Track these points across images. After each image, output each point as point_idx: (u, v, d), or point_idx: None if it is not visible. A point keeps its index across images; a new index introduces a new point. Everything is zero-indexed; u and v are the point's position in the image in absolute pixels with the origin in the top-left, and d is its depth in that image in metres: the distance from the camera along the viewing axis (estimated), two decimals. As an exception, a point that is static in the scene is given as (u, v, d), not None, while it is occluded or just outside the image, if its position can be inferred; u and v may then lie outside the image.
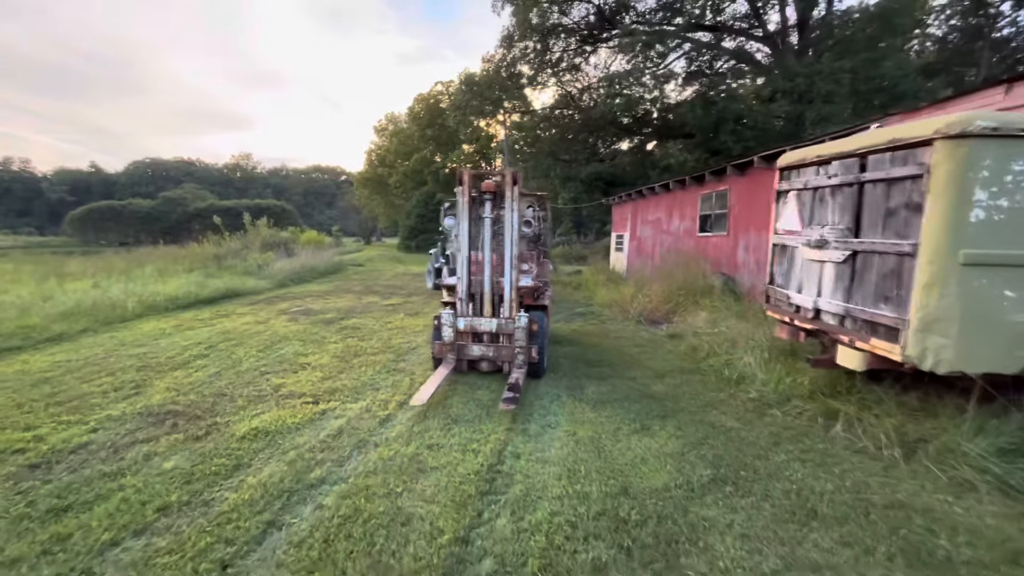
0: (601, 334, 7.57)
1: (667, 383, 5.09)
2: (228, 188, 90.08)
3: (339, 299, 11.41)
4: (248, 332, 7.46)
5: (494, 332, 5.10)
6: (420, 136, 42.94)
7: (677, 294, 8.59)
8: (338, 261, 21.75)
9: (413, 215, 38.90)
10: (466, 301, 5.17)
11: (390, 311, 9.71)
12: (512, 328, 5.00)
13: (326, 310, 9.64)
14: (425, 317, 8.98)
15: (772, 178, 8.73)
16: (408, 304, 10.73)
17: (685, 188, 11.57)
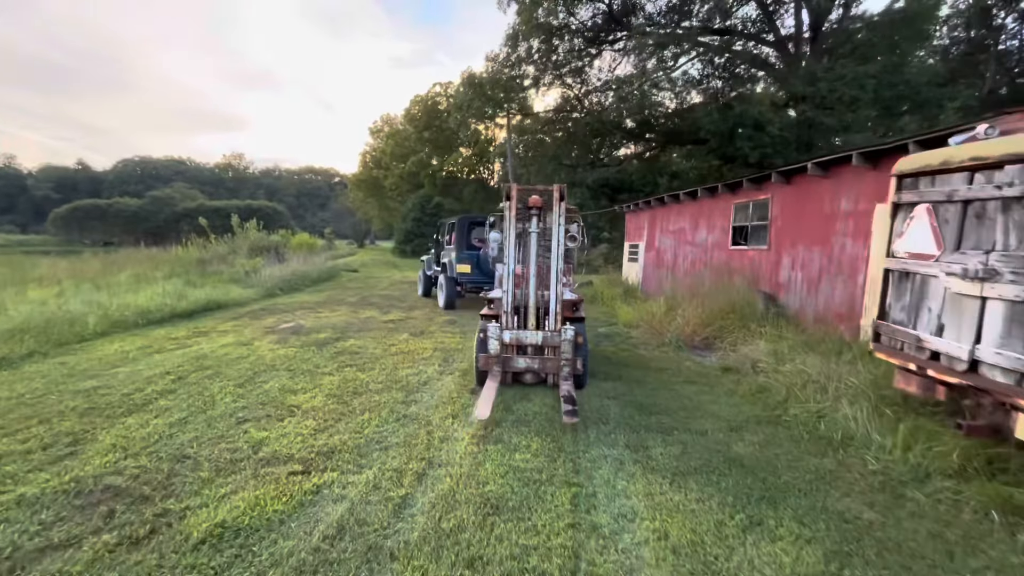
0: (640, 364, 6.54)
1: (749, 441, 4.07)
2: (219, 188, 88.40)
3: (333, 313, 10.29)
4: (228, 357, 6.35)
5: (540, 344, 5.22)
6: (417, 138, 41.89)
7: (720, 316, 7.59)
8: (331, 267, 20.61)
9: (409, 218, 37.80)
10: (511, 314, 5.27)
11: (391, 330, 8.62)
12: (558, 340, 5.09)
13: (319, 328, 8.54)
14: (432, 338, 7.91)
15: (827, 187, 7.58)
16: (410, 321, 9.65)
17: (715, 196, 10.63)
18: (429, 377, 5.72)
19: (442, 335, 8.24)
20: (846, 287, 7.03)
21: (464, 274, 11.21)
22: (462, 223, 11.48)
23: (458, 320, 9.81)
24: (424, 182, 41.51)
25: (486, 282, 11.20)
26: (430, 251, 14.37)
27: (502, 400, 4.90)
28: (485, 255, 10.99)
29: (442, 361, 6.49)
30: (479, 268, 11.22)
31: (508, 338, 5.18)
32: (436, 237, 13.59)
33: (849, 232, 7.03)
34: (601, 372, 6.07)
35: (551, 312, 5.21)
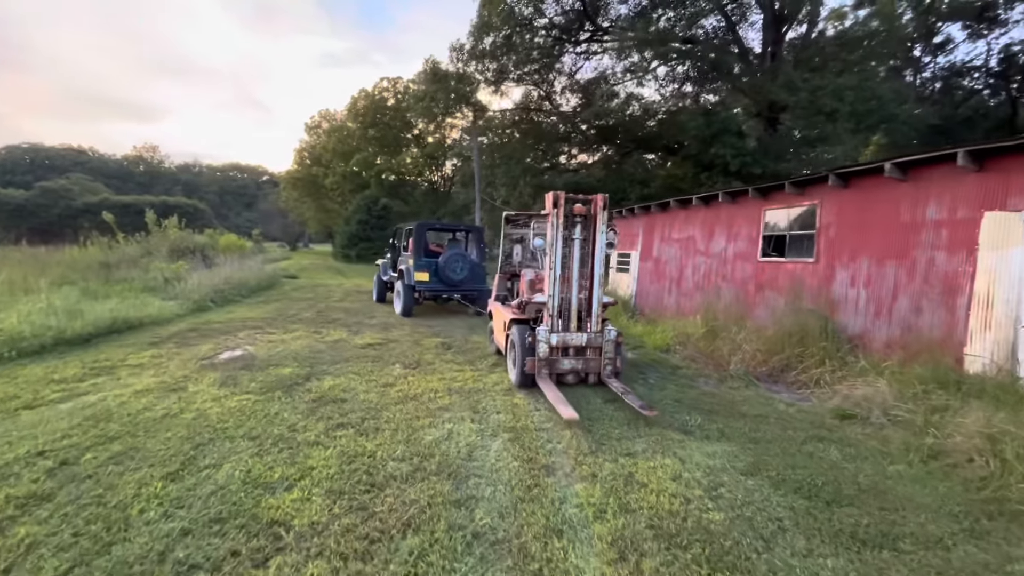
0: (726, 408, 5.08)
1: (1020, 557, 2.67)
2: (128, 183, 79.26)
3: (289, 335, 8.09)
4: (148, 416, 4.19)
5: (583, 345, 5.52)
6: (362, 136, 39.10)
7: (786, 342, 6.34)
8: (271, 272, 17.82)
9: (354, 221, 34.91)
10: (556, 317, 5.47)
11: (376, 360, 6.65)
12: (600, 341, 5.53)
13: (278, 358, 6.41)
14: (436, 372, 6.05)
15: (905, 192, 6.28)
16: (394, 345, 7.68)
17: (737, 201, 9.55)
18: (470, 444, 3.92)
19: (446, 366, 6.40)
20: (937, 309, 6.00)
21: (422, 282, 10.41)
22: (420, 229, 10.74)
23: (451, 341, 7.96)
24: (370, 182, 38.71)
25: (444, 290, 10.63)
26: (386, 255, 12.82)
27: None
28: (444, 262, 10.33)
29: (471, 411, 4.69)
30: (437, 276, 10.48)
31: (555, 341, 5.38)
32: (392, 242, 12.24)
33: (941, 244, 6.02)
34: (689, 422, 4.54)
35: (594, 314, 5.47)
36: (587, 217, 5.56)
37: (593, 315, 5.53)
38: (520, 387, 5.50)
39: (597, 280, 5.51)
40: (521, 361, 5.42)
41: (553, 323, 5.43)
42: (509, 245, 7.82)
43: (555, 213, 5.43)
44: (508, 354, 6.23)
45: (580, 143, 25.05)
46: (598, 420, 4.61)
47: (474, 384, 5.62)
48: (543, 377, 5.36)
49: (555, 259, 5.41)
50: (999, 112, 29.26)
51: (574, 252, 5.53)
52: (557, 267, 5.42)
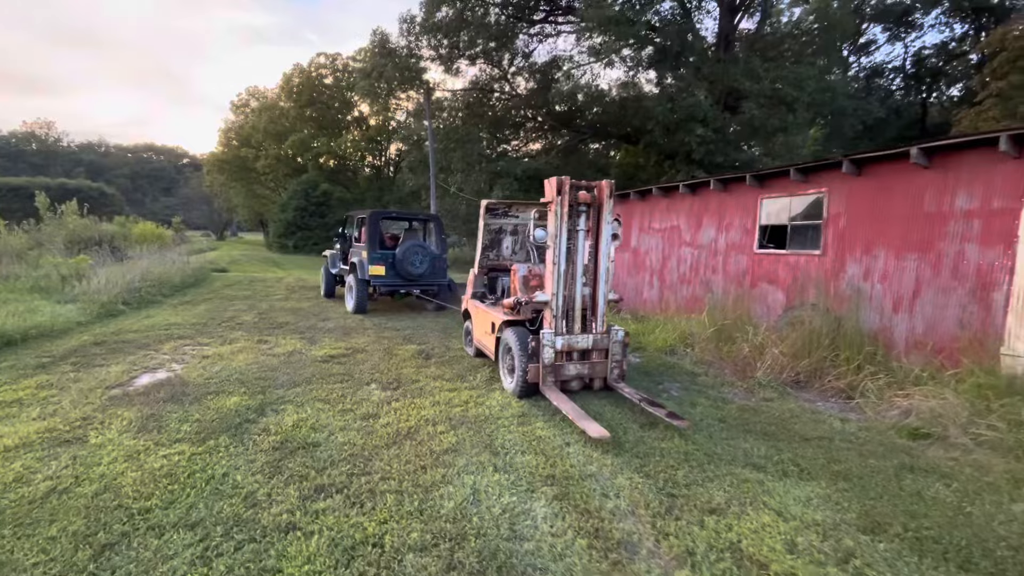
0: (785, 432, 4.35)
1: None
2: (18, 163, 69.82)
3: (228, 345, 6.62)
4: (18, 501, 2.83)
5: (589, 348, 4.93)
6: (298, 115, 36.10)
7: (817, 343, 5.75)
8: (198, 266, 15.64)
9: (291, 207, 32.24)
10: (560, 318, 4.83)
11: (344, 378, 5.41)
12: (607, 343, 4.98)
13: (217, 382, 5.03)
14: (425, 393, 4.92)
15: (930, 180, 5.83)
16: (363, 357, 6.44)
17: (728, 189, 8.98)
18: (506, 508, 2.89)
19: (434, 384, 5.28)
20: (968, 305, 5.62)
21: (378, 276, 9.30)
22: (374, 218, 9.51)
23: (429, 347, 6.82)
24: (307, 166, 35.90)
25: (401, 285, 9.55)
26: (335, 246, 11.41)
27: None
28: (403, 255, 9.25)
29: (488, 451, 3.66)
30: (394, 270, 9.38)
31: (560, 344, 4.79)
32: (342, 232, 10.85)
33: (973, 236, 5.61)
34: (752, 452, 3.75)
35: (599, 313, 4.95)
36: (591, 206, 4.91)
37: (599, 314, 4.98)
38: (520, 397, 4.86)
39: (603, 275, 4.94)
40: (523, 369, 4.74)
41: (557, 325, 4.81)
42: (489, 237, 6.79)
43: (559, 201, 4.71)
44: (501, 360, 5.27)
45: (535, 129, 24.13)
46: (639, 445, 3.73)
47: (476, 409, 4.57)
48: (549, 386, 4.72)
49: (559, 253, 4.74)
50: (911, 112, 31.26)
51: (578, 245, 4.88)
52: (561, 262, 4.77)
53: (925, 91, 33.03)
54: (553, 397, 4.49)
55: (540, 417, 4.42)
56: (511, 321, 5.19)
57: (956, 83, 32.55)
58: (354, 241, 10.08)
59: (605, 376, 4.99)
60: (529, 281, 5.34)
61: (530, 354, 4.74)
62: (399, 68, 19.31)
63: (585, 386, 5.01)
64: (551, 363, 4.71)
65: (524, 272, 5.37)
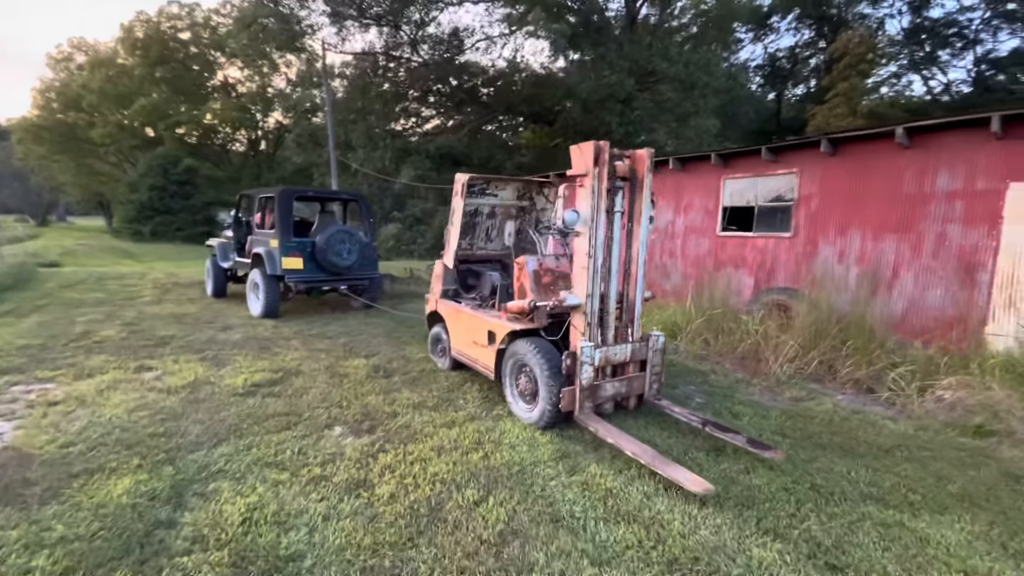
0: (850, 443, 3.81)
1: None
2: None
3: (87, 380, 4.60)
4: None
5: (626, 360, 3.96)
6: (146, 76, 30.06)
7: (822, 332, 5.43)
8: (17, 262, 11.94)
9: (144, 187, 26.94)
10: (595, 325, 3.80)
11: (287, 419, 3.87)
12: (645, 352, 4.02)
13: (83, 452, 3.23)
14: (424, 438, 3.62)
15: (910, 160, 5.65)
16: (297, 378, 4.84)
17: (686, 169, 8.57)
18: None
19: (418, 417, 3.98)
20: (951, 286, 5.67)
21: (294, 271, 7.49)
22: (285, 199, 7.53)
23: (383, 360, 5.40)
24: (163, 136, 30.21)
25: (325, 280, 7.79)
26: (224, 234, 9.25)
27: None
28: (326, 243, 7.48)
29: (556, 525, 2.58)
30: (314, 261, 7.60)
31: (598, 358, 3.74)
32: (237, 215, 8.64)
33: (955, 217, 5.63)
34: (855, 477, 3.14)
35: (636, 316, 4.07)
36: (629, 181, 3.93)
37: (636, 317, 4.07)
38: (546, 428, 3.80)
39: (641, 269, 4.04)
40: (555, 394, 3.66)
41: (592, 333, 3.78)
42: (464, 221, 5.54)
43: (595, 174, 3.65)
44: (508, 380, 4.17)
45: (440, 104, 22.44)
46: (731, 486, 2.91)
47: (498, 452, 3.41)
48: (588, 414, 3.67)
49: (595, 241, 3.70)
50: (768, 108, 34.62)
51: (615, 230, 3.93)
52: (598, 253, 3.75)
53: (778, 89, 36.98)
54: (602, 430, 3.48)
55: (586, 455, 3.41)
56: (523, 332, 4.07)
57: (801, 83, 36.80)
58: (255, 227, 7.99)
59: (642, 392, 4.11)
60: (541, 277, 4.24)
61: (564, 374, 3.70)
62: (285, 21, 16.43)
63: (618, 405, 4.09)
64: (590, 384, 3.68)
65: (534, 266, 4.24)
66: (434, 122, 23.53)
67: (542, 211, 5.73)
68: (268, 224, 7.74)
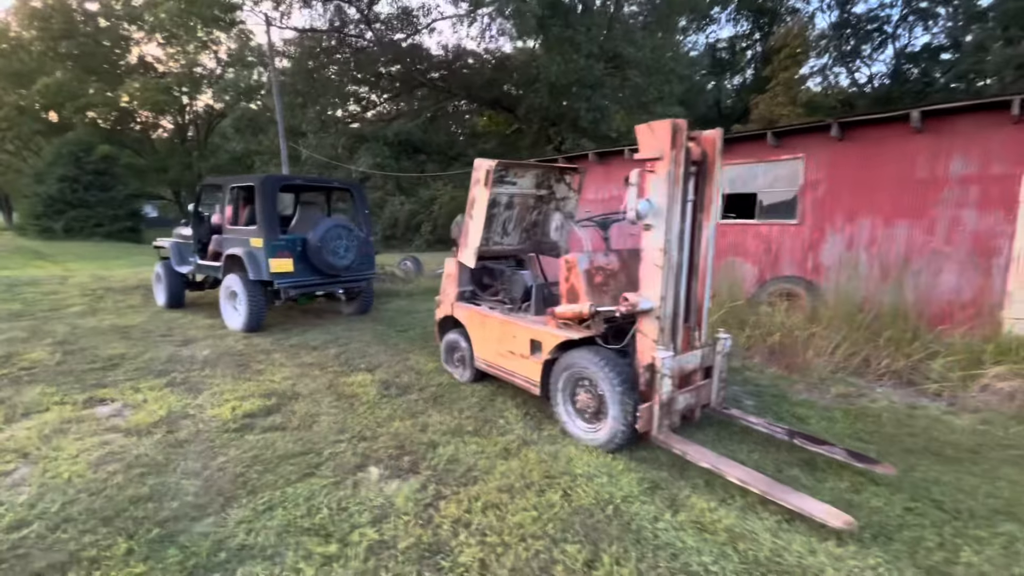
0: (942, 447, 3.59)
1: None
2: None
3: (23, 423, 3.62)
4: None
5: (696, 368, 3.58)
6: (48, 52, 26.53)
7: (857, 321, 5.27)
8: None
9: (53, 177, 23.90)
10: (669, 332, 3.34)
11: (309, 461, 3.15)
12: (712, 358, 3.63)
13: (39, 541, 2.40)
14: (486, 476, 3.01)
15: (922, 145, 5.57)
16: (298, 403, 4.07)
17: (681, 155, 8.29)
18: None
19: (463, 446, 3.38)
20: (965, 271, 5.68)
21: (284, 274, 6.36)
22: (269, 188, 6.32)
23: (389, 374, 4.71)
24: (73, 120, 26.87)
25: (320, 284, 6.72)
26: (181, 232, 8.01)
27: None
28: (321, 240, 6.40)
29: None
30: (305, 262, 6.51)
31: (672, 367, 3.20)
32: (197, 210, 7.38)
33: (970, 202, 5.63)
34: (975, 498, 2.88)
35: (704, 317, 3.66)
36: (698, 166, 3.44)
37: (704, 319, 3.67)
38: (614, 451, 3.31)
39: (710, 265, 3.60)
40: (631, 413, 3.18)
41: (665, 340, 3.32)
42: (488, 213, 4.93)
43: (672, 158, 3.13)
44: (560, 397, 3.65)
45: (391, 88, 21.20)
46: (856, 514, 2.56)
47: (579, 488, 2.89)
48: (667, 433, 3.23)
49: (671, 235, 3.24)
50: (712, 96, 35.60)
51: (687, 221, 3.43)
52: (673, 248, 3.29)
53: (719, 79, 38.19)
54: (692, 452, 3.03)
55: (675, 482, 2.96)
56: (579, 341, 3.55)
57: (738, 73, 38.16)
58: (228, 223, 6.83)
59: (707, 402, 3.71)
60: (593, 277, 3.71)
61: (637, 389, 3.23)
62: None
63: (684, 418, 3.65)
64: (669, 399, 3.23)
65: (586, 264, 3.69)
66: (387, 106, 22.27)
67: (563, 200, 5.20)
68: (244, 219, 6.67)
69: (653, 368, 3.18)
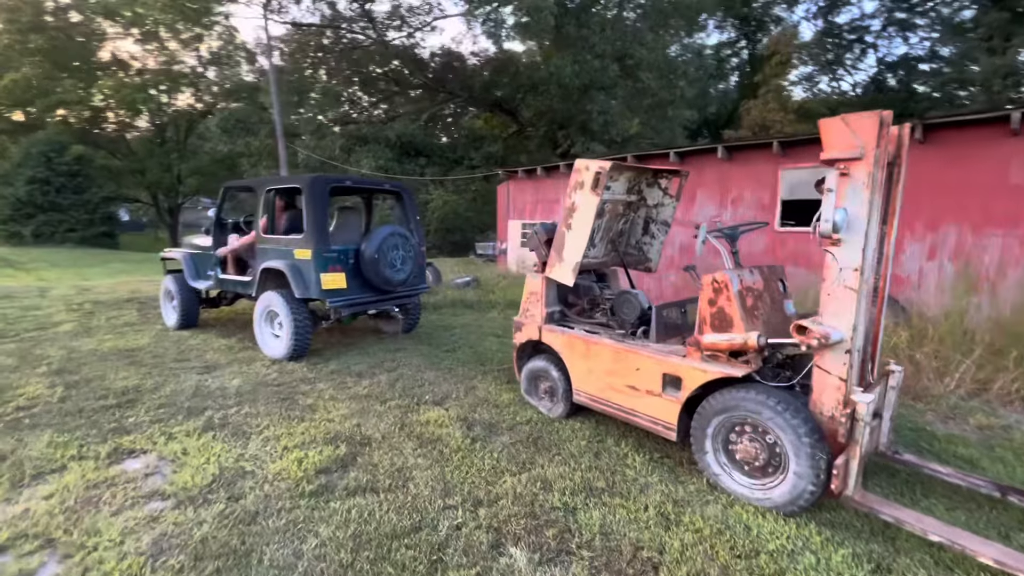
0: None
1: None
2: None
3: (25, 493, 2.84)
4: None
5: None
6: (18, 45, 24.93)
7: (966, 341, 4.81)
8: None
9: (21, 179, 22.36)
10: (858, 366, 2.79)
11: (421, 543, 2.48)
12: (885, 395, 3.07)
13: None
14: (671, 556, 2.40)
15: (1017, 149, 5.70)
16: (382, 455, 3.37)
17: (733, 159, 7.81)
18: None
19: (618, 508, 2.75)
20: (1070, 284, 5.29)
21: (337, 291, 5.42)
22: (317, 189, 5.37)
23: (461, 407, 4.03)
24: (43, 120, 25.28)
25: (375, 301, 5.86)
26: (192, 240, 7.16)
27: None
28: (377, 251, 5.50)
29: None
30: (361, 277, 5.63)
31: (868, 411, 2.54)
32: (219, 217, 6.51)
33: (1077, 210, 5.25)
34: None
35: (879, 348, 3.09)
36: (888, 167, 2.91)
37: (878, 350, 3.12)
38: (794, 514, 2.74)
39: (887, 281, 3.09)
40: (825, 467, 2.61)
41: (854, 376, 2.75)
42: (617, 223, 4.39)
43: (874, 156, 2.56)
44: (709, 444, 3.05)
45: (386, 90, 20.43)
46: None
47: (799, 574, 2.28)
48: (864, 493, 2.67)
49: (868, 251, 2.69)
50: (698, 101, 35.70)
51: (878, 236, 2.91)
52: (868, 265, 2.72)
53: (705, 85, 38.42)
54: (910, 520, 2.46)
55: (898, 560, 2.38)
56: (739, 379, 2.95)
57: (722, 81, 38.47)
58: (262, 232, 5.83)
59: (876, 445, 3.15)
60: (745, 299, 3.12)
61: (825, 440, 2.66)
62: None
63: None
64: (867, 449, 2.65)
65: (738, 285, 3.10)
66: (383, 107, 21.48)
67: (656, 207, 4.62)
68: (282, 227, 5.85)
69: (854, 414, 2.60)
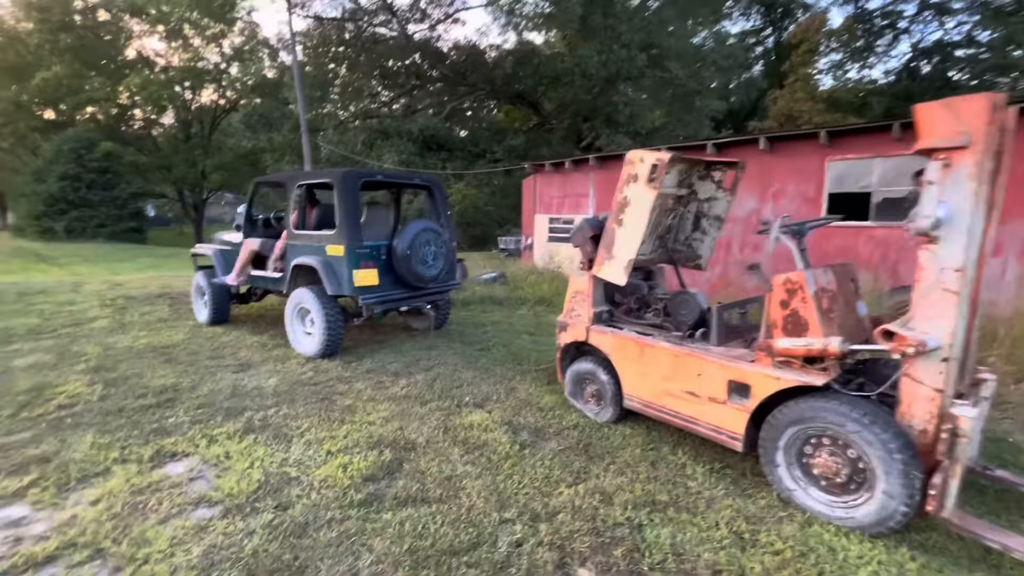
0: None
1: None
2: None
3: (69, 498, 2.77)
4: None
5: None
6: (46, 43, 25.44)
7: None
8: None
9: (54, 176, 22.92)
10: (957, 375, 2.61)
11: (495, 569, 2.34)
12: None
13: None
14: None
15: None
16: (427, 463, 3.23)
17: (774, 150, 7.48)
18: None
19: (707, 548, 2.57)
20: None
21: (369, 288, 5.30)
22: (350, 183, 5.27)
23: (503, 409, 3.88)
24: (74, 119, 25.80)
25: (406, 298, 5.70)
26: (223, 237, 7.10)
27: None
28: (410, 246, 5.35)
29: None
30: (393, 274, 5.50)
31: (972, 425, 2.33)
32: (250, 212, 6.47)
33: None
34: None
35: (972, 353, 2.83)
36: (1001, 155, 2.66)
37: (971, 354, 2.89)
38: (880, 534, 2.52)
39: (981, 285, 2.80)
40: (920, 487, 2.38)
41: (952, 382, 2.53)
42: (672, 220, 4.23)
43: (983, 144, 2.30)
44: (781, 457, 2.85)
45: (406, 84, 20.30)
46: None
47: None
48: (963, 515, 2.43)
49: (971, 250, 2.44)
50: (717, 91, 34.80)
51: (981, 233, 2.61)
52: (971, 264, 2.48)
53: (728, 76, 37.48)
54: (1015, 546, 2.24)
55: (1013, 595, 2.15)
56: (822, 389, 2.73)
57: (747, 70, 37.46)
58: (293, 227, 5.74)
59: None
60: (822, 301, 2.89)
61: (918, 459, 2.43)
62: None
63: None
64: (965, 467, 2.44)
65: (814, 286, 2.87)
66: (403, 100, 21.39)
67: (708, 201, 4.38)
68: (312, 222, 5.78)
69: (955, 430, 2.36)
